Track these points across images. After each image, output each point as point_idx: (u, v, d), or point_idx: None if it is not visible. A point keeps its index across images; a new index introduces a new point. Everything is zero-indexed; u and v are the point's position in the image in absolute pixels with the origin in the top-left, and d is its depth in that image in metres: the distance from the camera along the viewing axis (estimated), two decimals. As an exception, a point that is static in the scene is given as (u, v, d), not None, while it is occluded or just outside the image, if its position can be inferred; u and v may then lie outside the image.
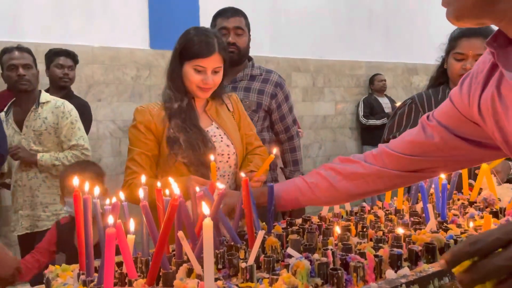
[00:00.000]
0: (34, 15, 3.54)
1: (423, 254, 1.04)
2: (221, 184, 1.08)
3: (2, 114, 2.70)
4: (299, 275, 0.88)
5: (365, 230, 1.20)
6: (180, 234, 0.92)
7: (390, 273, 0.92)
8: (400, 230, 1.14)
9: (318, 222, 1.32)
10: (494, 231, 0.54)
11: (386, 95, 5.49)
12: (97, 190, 1.02)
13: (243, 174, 1.14)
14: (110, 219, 0.85)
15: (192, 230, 1.04)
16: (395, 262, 0.97)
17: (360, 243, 1.07)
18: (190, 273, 0.94)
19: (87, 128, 3.24)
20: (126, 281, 0.90)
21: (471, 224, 1.24)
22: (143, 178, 1.34)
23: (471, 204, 1.47)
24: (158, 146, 1.64)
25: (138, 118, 1.65)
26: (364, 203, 1.48)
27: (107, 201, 0.94)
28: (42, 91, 2.71)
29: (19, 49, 2.65)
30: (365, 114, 5.29)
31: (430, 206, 1.24)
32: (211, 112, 1.74)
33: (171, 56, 1.68)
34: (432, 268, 0.95)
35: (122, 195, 1.01)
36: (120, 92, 3.93)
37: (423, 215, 1.31)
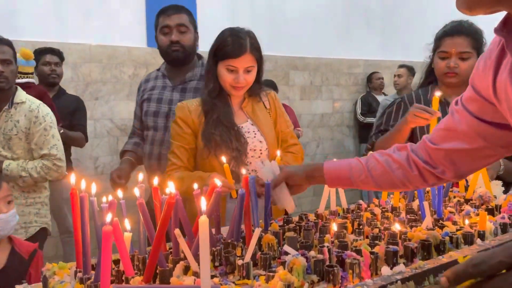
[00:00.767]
0: (31, 13, 3.53)
1: (419, 251, 1.04)
2: (218, 181, 1.09)
3: None
4: (296, 272, 0.89)
5: (361, 227, 1.21)
6: (176, 231, 0.92)
7: (385, 269, 0.93)
8: (396, 226, 1.15)
9: (315, 219, 1.32)
10: (497, 253, 0.53)
11: (384, 93, 5.49)
12: (94, 187, 1.02)
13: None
14: (107, 217, 0.85)
15: (189, 227, 1.05)
16: (391, 259, 0.97)
17: (356, 240, 1.07)
18: (187, 270, 0.94)
19: (84, 121, 3.28)
20: (123, 278, 0.91)
21: (467, 221, 1.25)
22: (175, 176, 1.55)
23: (467, 201, 1.48)
24: (195, 140, 1.73)
25: (178, 113, 1.75)
26: (360, 201, 1.49)
27: (104, 199, 0.95)
28: (19, 89, 2.34)
29: None
30: (362, 112, 5.30)
31: (426, 203, 1.25)
32: (247, 109, 1.80)
33: (208, 55, 1.76)
34: (427, 264, 0.96)
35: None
36: (117, 90, 3.93)
37: (420, 213, 1.31)
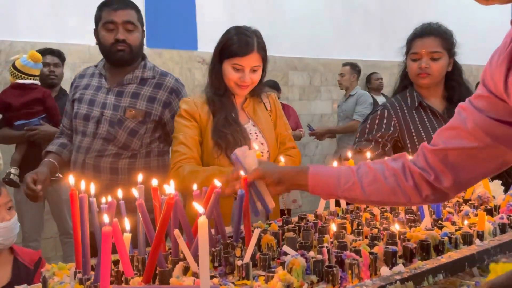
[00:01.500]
0: (30, 14, 3.53)
1: (418, 251, 1.04)
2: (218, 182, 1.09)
3: None
4: (295, 273, 0.89)
5: (360, 228, 1.21)
6: (176, 232, 0.92)
7: (384, 270, 0.93)
8: (396, 226, 1.15)
9: (314, 220, 1.32)
10: None
11: (383, 94, 5.49)
12: (93, 188, 1.02)
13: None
14: (106, 218, 0.85)
15: (188, 228, 1.05)
16: (390, 259, 0.97)
17: (355, 241, 1.08)
18: (186, 271, 0.94)
19: None
20: (123, 279, 0.91)
21: (466, 221, 1.25)
22: (187, 168, 1.49)
23: (466, 201, 1.48)
24: (201, 136, 1.69)
25: (184, 106, 1.71)
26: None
27: (103, 199, 0.95)
28: None
29: None
30: (361, 113, 5.30)
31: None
32: (249, 109, 1.78)
33: (212, 53, 1.73)
34: (426, 265, 0.96)
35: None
36: (116, 91, 3.93)
37: (418, 213, 1.32)
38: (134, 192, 0.99)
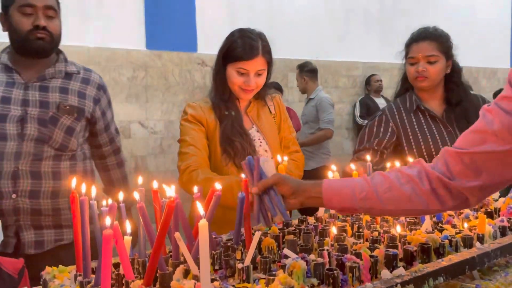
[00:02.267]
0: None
1: (418, 254, 1.05)
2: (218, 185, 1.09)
3: None
4: (295, 276, 0.89)
5: (361, 230, 1.21)
6: (176, 235, 0.92)
7: (385, 273, 0.93)
8: (397, 228, 1.15)
9: (314, 222, 1.32)
10: None
11: (383, 96, 5.50)
12: (94, 191, 1.02)
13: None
14: (108, 220, 0.85)
15: (189, 231, 1.05)
16: (391, 262, 0.98)
17: (355, 244, 1.08)
18: (187, 274, 0.94)
19: None
20: (123, 282, 0.91)
21: (466, 224, 1.25)
22: (201, 175, 1.47)
23: (466, 204, 1.48)
24: (207, 141, 1.67)
25: (190, 111, 1.69)
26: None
27: (104, 202, 0.95)
28: None
29: None
30: (361, 115, 5.30)
31: (425, 206, 1.25)
32: (252, 114, 1.76)
33: (216, 57, 1.70)
34: (427, 268, 0.96)
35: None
36: (116, 93, 3.92)
37: (419, 216, 1.32)
38: (135, 195, 0.99)
